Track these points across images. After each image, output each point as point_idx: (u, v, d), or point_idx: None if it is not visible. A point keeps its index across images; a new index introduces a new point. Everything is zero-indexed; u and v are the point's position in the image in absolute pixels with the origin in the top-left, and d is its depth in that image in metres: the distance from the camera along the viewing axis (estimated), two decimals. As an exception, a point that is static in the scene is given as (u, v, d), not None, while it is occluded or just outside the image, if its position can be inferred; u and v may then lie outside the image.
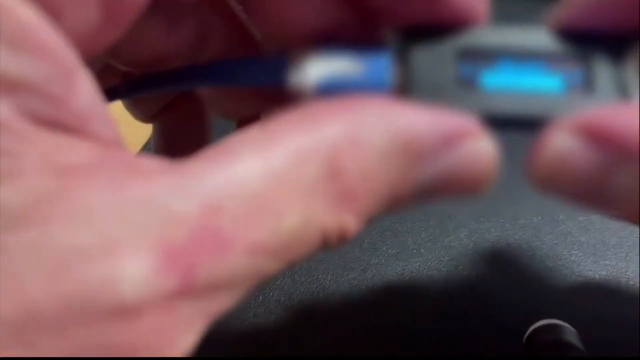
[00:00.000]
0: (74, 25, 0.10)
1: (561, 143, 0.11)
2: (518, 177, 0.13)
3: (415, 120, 0.11)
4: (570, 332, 0.21)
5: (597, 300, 0.22)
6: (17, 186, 0.08)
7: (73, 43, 0.09)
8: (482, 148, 0.11)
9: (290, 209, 0.09)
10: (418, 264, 0.24)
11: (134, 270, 0.08)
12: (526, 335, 0.22)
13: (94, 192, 0.09)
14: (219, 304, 0.09)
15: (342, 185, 0.10)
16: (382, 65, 0.12)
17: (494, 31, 0.13)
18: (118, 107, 0.17)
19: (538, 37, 0.13)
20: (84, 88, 0.09)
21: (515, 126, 0.12)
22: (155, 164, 0.09)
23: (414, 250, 0.24)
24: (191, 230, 0.09)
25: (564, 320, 0.22)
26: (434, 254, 0.24)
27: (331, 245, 0.10)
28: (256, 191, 0.09)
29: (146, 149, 0.30)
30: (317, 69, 0.12)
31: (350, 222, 0.10)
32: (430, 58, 0.12)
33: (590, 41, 0.12)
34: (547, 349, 0.21)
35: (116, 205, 0.08)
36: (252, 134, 0.10)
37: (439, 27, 0.13)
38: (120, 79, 0.16)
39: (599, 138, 0.11)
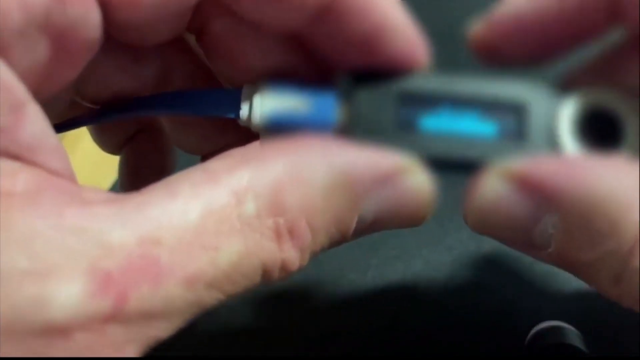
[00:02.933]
0: (23, 62, 0.10)
1: (492, 189, 0.12)
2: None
3: (354, 158, 0.12)
4: (573, 334, 0.21)
5: (601, 302, 0.22)
6: None
7: (27, 78, 0.10)
8: (417, 183, 0.12)
9: (228, 242, 0.10)
10: (419, 265, 0.24)
11: (64, 293, 0.09)
12: (528, 337, 0.22)
13: (32, 217, 0.09)
14: (154, 332, 0.10)
15: (284, 220, 0.11)
16: (328, 105, 0.13)
17: (435, 78, 0.13)
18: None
19: (476, 85, 0.13)
20: (33, 120, 0.10)
21: (451, 168, 0.13)
22: (98, 195, 0.10)
23: (415, 251, 0.24)
24: (127, 258, 0.09)
25: (567, 322, 0.22)
26: (435, 255, 0.24)
27: (273, 278, 0.11)
28: (194, 225, 0.10)
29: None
30: (266, 104, 0.13)
31: (292, 256, 0.11)
32: (374, 101, 0.13)
33: (525, 90, 0.13)
34: (550, 352, 0.21)
35: (54, 231, 0.09)
36: (194, 172, 0.11)
37: (383, 72, 0.13)
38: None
39: (527, 186, 0.12)
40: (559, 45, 0.14)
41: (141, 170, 0.19)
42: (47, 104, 0.11)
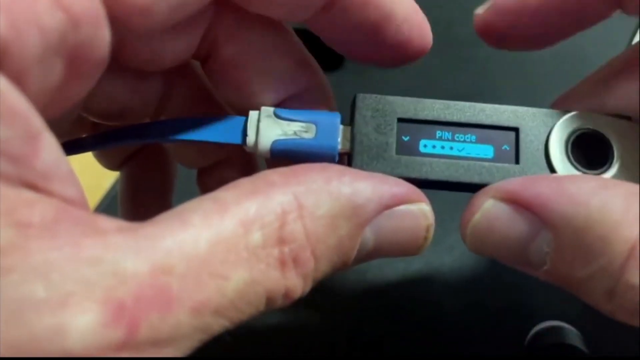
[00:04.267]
0: (37, 84, 0.10)
1: (487, 209, 0.12)
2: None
3: (358, 187, 0.12)
4: (573, 334, 0.21)
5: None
6: None
7: (40, 98, 0.10)
8: (418, 212, 0.13)
9: (235, 271, 0.10)
10: (419, 265, 0.24)
11: (81, 322, 0.09)
12: (528, 337, 0.22)
13: (51, 247, 0.09)
14: (164, 357, 0.10)
15: (288, 250, 0.11)
16: (331, 131, 0.14)
17: (433, 104, 0.14)
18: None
19: (473, 111, 0.14)
20: (48, 149, 0.10)
21: (452, 189, 0.14)
22: (112, 223, 0.10)
23: (415, 252, 0.24)
24: (139, 287, 0.09)
25: (567, 322, 0.22)
26: (435, 255, 0.24)
27: (277, 305, 0.11)
28: (204, 255, 0.10)
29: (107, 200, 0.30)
30: (271, 131, 0.14)
31: (296, 283, 0.11)
32: (375, 126, 0.14)
33: (519, 114, 0.14)
34: (550, 352, 0.21)
35: (70, 261, 0.09)
36: (204, 202, 0.11)
37: (385, 98, 0.14)
38: (91, 128, 0.17)
39: (521, 206, 0.12)
40: (561, 28, 0.14)
41: (141, 188, 0.20)
42: (54, 121, 0.11)
